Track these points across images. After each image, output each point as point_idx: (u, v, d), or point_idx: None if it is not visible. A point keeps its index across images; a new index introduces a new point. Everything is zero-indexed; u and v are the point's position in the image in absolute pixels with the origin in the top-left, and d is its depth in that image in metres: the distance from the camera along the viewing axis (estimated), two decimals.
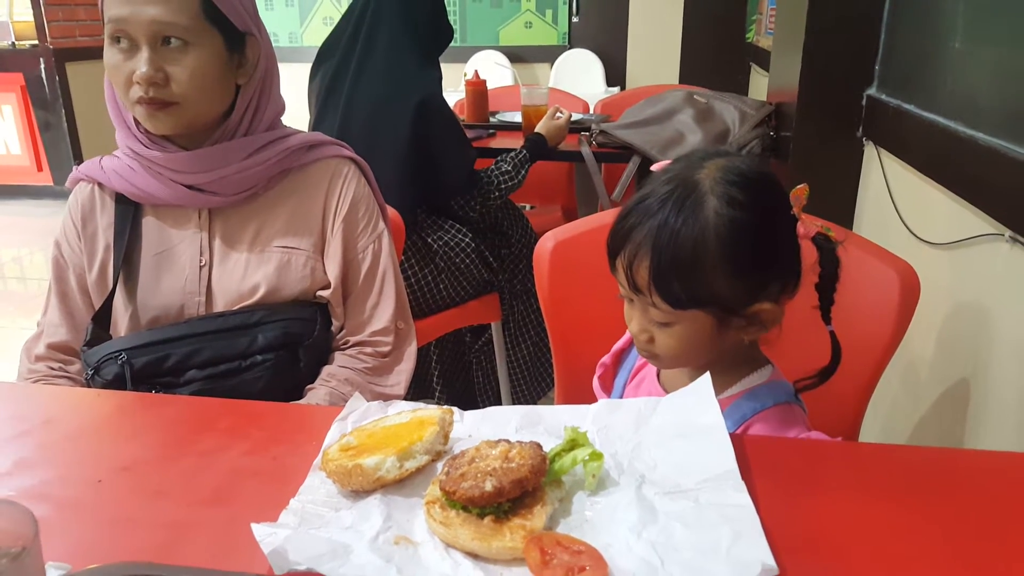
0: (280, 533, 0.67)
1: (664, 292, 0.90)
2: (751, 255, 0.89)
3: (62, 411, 1.01)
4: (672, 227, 0.89)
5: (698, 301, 0.90)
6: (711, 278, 0.89)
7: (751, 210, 0.89)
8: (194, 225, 1.25)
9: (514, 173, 2.24)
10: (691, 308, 0.90)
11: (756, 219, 0.89)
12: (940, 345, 1.54)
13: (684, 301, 0.90)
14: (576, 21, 5.48)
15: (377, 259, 1.31)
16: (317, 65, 2.21)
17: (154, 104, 1.13)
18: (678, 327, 0.93)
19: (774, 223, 0.91)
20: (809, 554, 0.68)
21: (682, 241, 0.88)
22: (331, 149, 1.31)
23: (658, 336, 0.95)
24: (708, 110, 2.48)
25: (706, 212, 0.88)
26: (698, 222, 0.88)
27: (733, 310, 0.91)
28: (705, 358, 0.97)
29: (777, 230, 0.92)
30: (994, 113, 1.35)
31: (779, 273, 0.93)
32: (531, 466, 0.71)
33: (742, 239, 0.88)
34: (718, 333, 0.93)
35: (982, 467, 0.85)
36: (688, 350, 0.95)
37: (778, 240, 0.92)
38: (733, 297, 0.90)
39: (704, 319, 0.91)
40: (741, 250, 0.88)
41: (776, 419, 0.95)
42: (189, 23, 1.12)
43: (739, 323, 0.93)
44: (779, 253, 0.93)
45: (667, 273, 0.89)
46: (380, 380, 1.30)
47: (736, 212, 0.88)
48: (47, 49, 5.27)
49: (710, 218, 0.88)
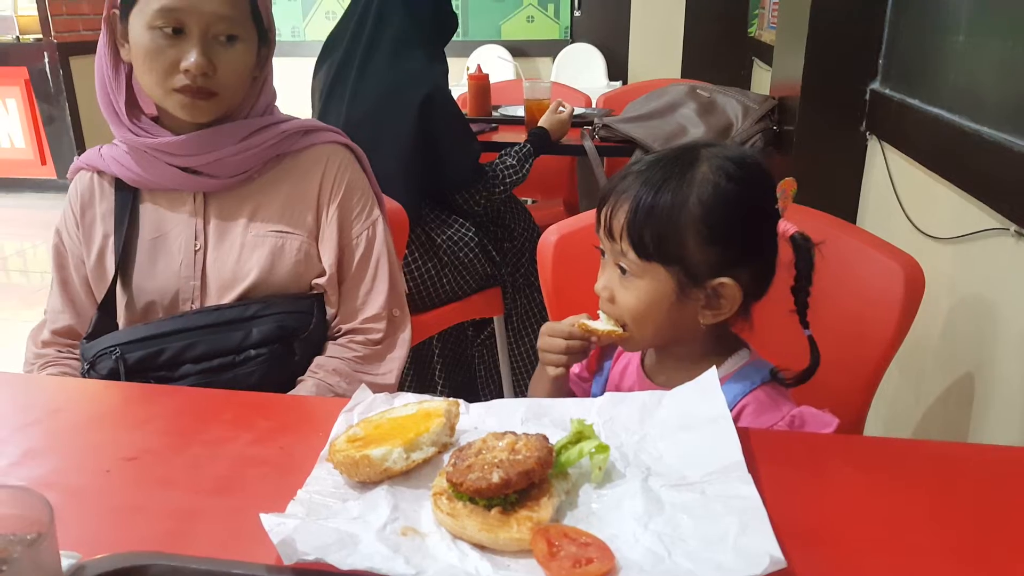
0: (289, 523, 0.67)
1: (635, 238, 0.92)
2: (727, 226, 0.91)
3: (70, 401, 1.01)
4: (659, 179, 0.92)
5: (665, 256, 0.92)
6: (683, 236, 0.91)
7: (739, 184, 0.91)
8: (189, 209, 1.26)
9: (518, 167, 2.24)
10: (656, 261, 0.92)
11: (741, 194, 0.92)
12: (944, 339, 1.54)
13: (651, 251, 0.92)
14: (578, 15, 5.47)
15: (371, 245, 1.32)
16: (321, 59, 2.21)
17: (199, 93, 1.16)
18: (640, 282, 0.94)
19: (758, 206, 0.93)
20: (815, 546, 0.68)
21: (664, 192, 0.91)
22: (326, 135, 1.32)
23: (619, 294, 0.96)
24: (711, 104, 2.48)
25: (695, 174, 0.91)
26: (684, 180, 0.91)
27: (696, 278, 0.92)
28: (664, 333, 0.98)
29: (758, 214, 0.93)
30: (999, 107, 1.35)
31: (750, 257, 0.94)
32: (538, 458, 0.71)
33: (722, 208, 0.90)
34: (677, 303, 0.94)
35: (986, 461, 0.85)
36: (646, 313, 0.95)
37: (757, 223, 0.94)
38: (699, 263, 0.92)
39: (666, 281, 0.93)
40: (719, 218, 0.90)
41: (765, 397, 0.97)
42: (241, 19, 1.17)
43: (698, 296, 0.94)
44: (754, 236, 0.94)
45: (643, 219, 0.91)
46: (371, 368, 1.30)
47: (723, 181, 0.91)
48: (51, 43, 5.27)
49: (696, 180, 0.91)
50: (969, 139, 1.41)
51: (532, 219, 2.42)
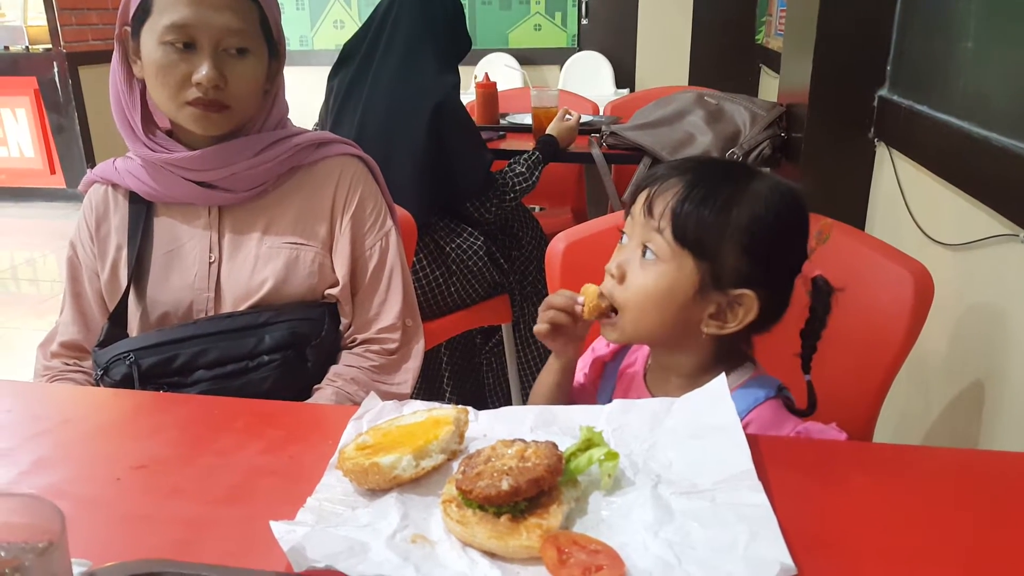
0: (299, 531, 0.67)
1: (679, 221, 0.90)
2: (767, 243, 0.91)
3: (80, 410, 1.01)
4: (717, 175, 0.93)
5: (701, 248, 0.90)
6: (725, 236, 0.90)
7: (787, 209, 0.92)
8: (203, 223, 1.27)
9: (528, 175, 2.25)
10: (690, 250, 0.91)
11: (787, 219, 0.92)
12: (954, 346, 1.54)
13: (690, 238, 0.90)
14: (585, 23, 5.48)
15: (384, 256, 1.32)
16: (336, 70, 2.23)
17: (212, 106, 1.17)
18: (663, 267, 0.92)
19: (796, 237, 0.94)
20: (825, 554, 0.68)
21: (720, 189, 0.91)
22: (339, 147, 1.33)
23: (633, 275, 0.94)
24: (718, 111, 2.48)
25: (751, 185, 0.92)
26: (739, 186, 0.92)
27: (720, 281, 0.91)
28: (663, 331, 0.95)
29: (794, 245, 0.94)
30: (1008, 113, 1.35)
31: (773, 283, 0.93)
32: (547, 465, 0.71)
33: (769, 224, 0.91)
34: (690, 302, 0.92)
35: (997, 468, 0.84)
36: (657, 301, 0.92)
37: (790, 253, 0.94)
38: (730, 268, 0.91)
39: (691, 274, 0.91)
40: (762, 232, 0.90)
41: (770, 413, 0.96)
42: (251, 32, 1.18)
43: (716, 300, 0.92)
44: (784, 263, 0.94)
45: (693, 206, 0.90)
46: (387, 378, 1.31)
47: (776, 201, 0.91)
48: (60, 53, 5.30)
49: (751, 190, 0.91)
50: (978, 145, 1.40)
51: (540, 227, 2.42)
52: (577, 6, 5.44)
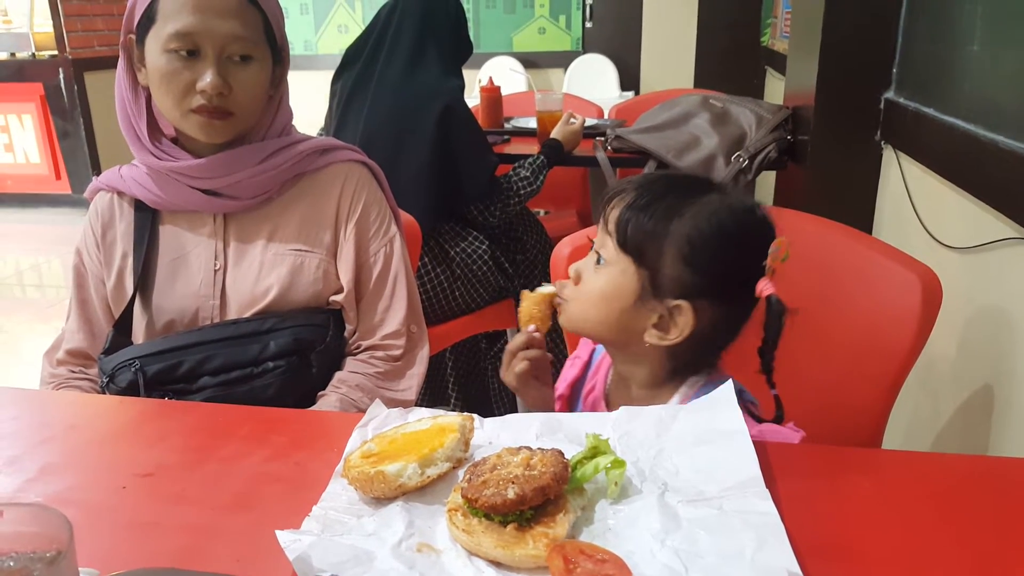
0: (304, 539, 0.67)
1: (621, 227, 0.92)
2: (708, 255, 0.90)
3: (86, 417, 1.02)
4: (673, 187, 0.93)
5: (640, 254, 0.92)
6: (664, 244, 0.90)
7: (738, 224, 0.91)
8: (209, 230, 1.27)
9: (532, 179, 2.25)
10: (632, 256, 0.92)
11: (736, 233, 0.91)
12: (962, 350, 1.53)
13: (630, 245, 0.92)
14: (590, 26, 5.48)
15: (389, 262, 1.32)
16: (339, 73, 2.23)
17: (216, 113, 1.17)
18: (608, 270, 0.94)
19: (747, 253, 0.91)
20: (833, 561, 0.67)
21: (667, 198, 0.91)
22: (343, 153, 1.33)
23: (586, 278, 0.97)
24: (724, 114, 2.47)
25: (703, 198, 0.92)
26: (690, 198, 0.91)
27: (659, 290, 0.92)
28: (607, 332, 0.97)
29: (744, 260, 0.91)
30: (1015, 116, 1.34)
31: (719, 297, 0.92)
32: (553, 473, 0.71)
33: (712, 236, 0.90)
34: (633, 308, 0.93)
35: (1007, 474, 0.84)
36: (600, 303, 0.95)
37: (738, 268, 0.91)
38: (668, 277, 0.91)
39: (632, 279, 0.93)
40: (704, 244, 0.90)
41: None
42: (255, 39, 1.18)
43: (654, 308, 0.92)
44: (731, 278, 0.91)
45: (635, 212, 0.91)
46: (391, 385, 1.31)
47: (724, 214, 0.90)
48: (66, 59, 5.32)
49: (701, 202, 0.91)
50: (985, 148, 1.40)
51: (544, 231, 2.42)
52: (581, 9, 5.44)
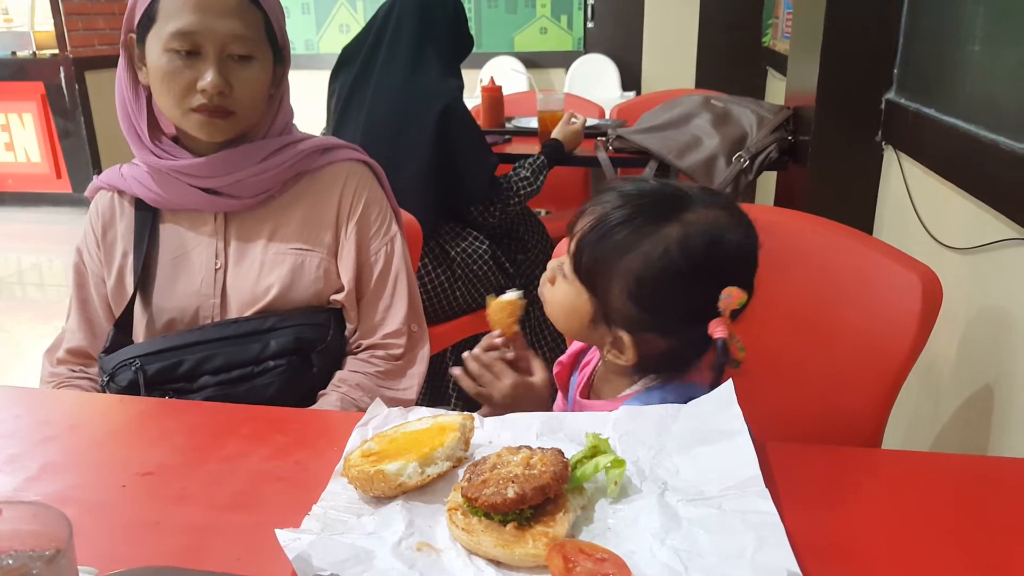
0: (304, 538, 0.67)
1: (578, 254, 0.93)
2: (654, 295, 0.89)
3: (87, 416, 1.02)
4: (628, 215, 0.90)
5: (590, 285, 0.93)
6: (612, 278, 0.90)
7: (692, 263, 0.87)
8: (210, 229, 1.27)
9: (532, 179, 2.25)
10: (584, 284, 0.93)
11: (688, 274, 0.87)
12: (962, 351, 1.53)
13: (583, 272, 0.93)
14: (591, 26, 5.48)
15: (390, 262, 1.32)
16: (336, 73, 2.22)
17: (217, 112, 1.17)
18: (566, 287, 0.96)
19: (696, 288, 0.87)
20: (833, 561, 0.67)
21: (623, 230, 0.89)
22: (344, 152, 1.33)
23: (558, 284, 0.98)
24: (725, 114, 2.47)
25: (661, 229, 0.88)
26: (648, 229, 0.88)
27: (608, 318, 0.93)
28: (576, 336, 1.01)
29: (692, 297, 0.87)
30: (1016, 116, 1.34)
31: (667, 332, 0.91)
32: (553, 473, 0.71)
33: (661, 278, 0.88)
34: (590, 323, 0.95)
35: (1007, 474, 0.84)
36: (561, 314, 0.98)
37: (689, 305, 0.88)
38: (615, 310, 0.91)
39: (585, 303, 0.94)
40: (651, 284, 0.88)
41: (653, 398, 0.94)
42: (255, 38, 1.18)
43: (603, 332, 0.94)
44: (680, 317, 0.89)
45: (590, 242, 0.91)
46: (392, 384, 1.31)
47: (677, 254, 0.87)
48: (67, 58, 5.32)
49: (657, 236, 0.88)
50: (986, 148, 1.40)
51: (545, 231, 2.42)
52: (583, 9, 5.44)
